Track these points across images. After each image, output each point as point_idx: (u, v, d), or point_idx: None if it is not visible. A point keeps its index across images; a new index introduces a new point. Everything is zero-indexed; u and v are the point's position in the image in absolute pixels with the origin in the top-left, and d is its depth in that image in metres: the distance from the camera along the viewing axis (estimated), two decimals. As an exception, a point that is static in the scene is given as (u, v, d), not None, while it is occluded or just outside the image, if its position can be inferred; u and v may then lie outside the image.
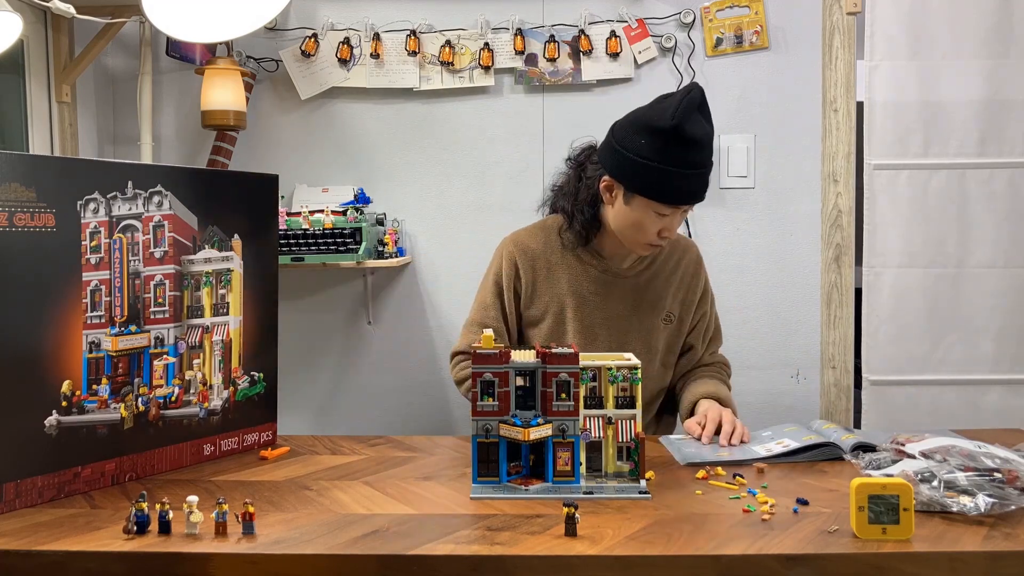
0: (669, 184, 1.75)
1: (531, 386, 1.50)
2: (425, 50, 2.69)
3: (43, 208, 1.43)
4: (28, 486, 1.43)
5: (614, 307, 1.94)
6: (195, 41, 2.54)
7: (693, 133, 1.71)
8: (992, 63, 2.48)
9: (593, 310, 1.93)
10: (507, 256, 1.97)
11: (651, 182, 1.75)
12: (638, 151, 1.75)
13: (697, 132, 1.72)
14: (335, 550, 1.24)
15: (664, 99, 1.78)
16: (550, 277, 1.94)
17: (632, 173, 1.77)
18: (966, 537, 1.25)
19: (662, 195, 1.76)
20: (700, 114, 1.74)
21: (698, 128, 1.72)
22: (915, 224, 2.53)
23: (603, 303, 1.93)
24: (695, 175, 1.76)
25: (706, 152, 1.75)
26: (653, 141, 1.73)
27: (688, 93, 1.73)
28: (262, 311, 1.79)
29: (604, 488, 1.47)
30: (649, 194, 1.76)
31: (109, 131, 2.81)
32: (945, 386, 2.55)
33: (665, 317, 1.97)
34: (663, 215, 1.79)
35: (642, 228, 1.82)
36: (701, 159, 1.75)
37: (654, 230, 1.81)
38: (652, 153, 1.73)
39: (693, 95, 1.73)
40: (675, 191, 1.76)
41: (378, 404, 2.81)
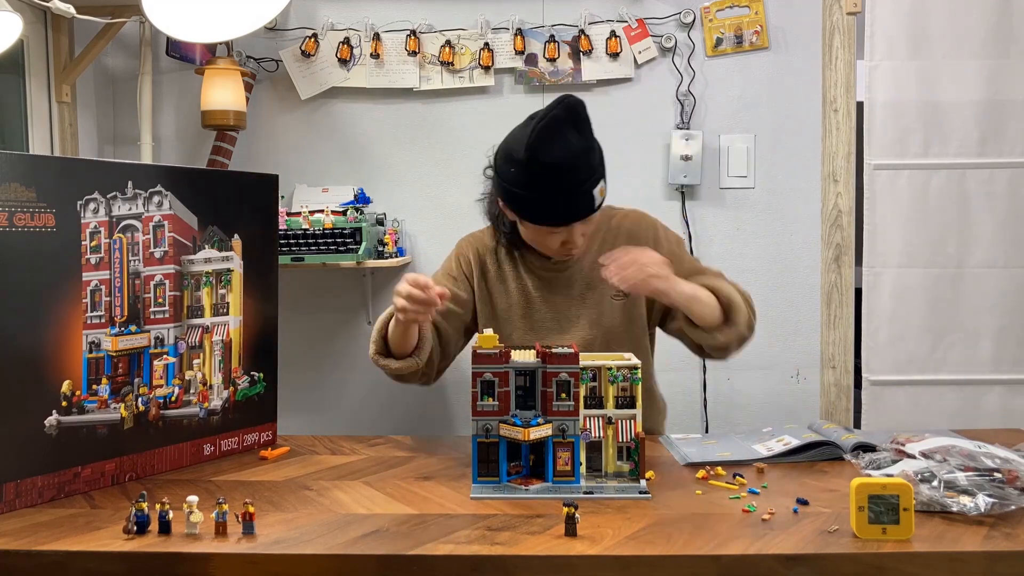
0: (540, 209, 1.73)
1: (531, 386, 1.50)
2: (425, 50, 2.69)
3: (43, 208, 1.43)
4: (28, 486, 1.43)
5: (558, 299, 1.91)
6: (195, 41, 2.55)
7: (548, 159, 1.67)
8: (992, 63, 2.48)
9: (539, 306, 1.92)
10: (460, 253, 1.98)
11: (524, 207, 1.75)
12: (508, 179, 1.74)
13: (553, 157, 1.67)
14: (335, 550, 1.24)
15: (528, 121, 1.74)
16: (500, 276, 1.94)
17: (510, 200, 1.77)
18: (966, 537, 1.25)
19: (536, 219, 1.76)
20: (563, 134, 1.68)
21: (555, 151, 1.67)
22: (915, 224, 2.53)
23: (548, 296, 1.92)
24: (562, 198, 1.71)
25: (573, 173, 1.69)
26: (517, 170, 1.71)
27: (547, 114, 1.68)
28: (262, 311, 1.79)
29: (604, 488, 1.47)
30: (526, 218, 1.77)
31: (109, 131, 2.81)
32: (945, 386, 2.55)
33: (614, 294, 1.90)
34: (554, 232, 1.78)
35: (544, 244, 1.83)
36: (565, 183, 1.69)
37: (555, 244, 1.80)
38: (517, 181, 1.72)
39: (553, 114, 1.68)
40: (547, 215, 1.74)
41: (378, 404, 2.81)
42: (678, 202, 2.70)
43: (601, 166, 1.76)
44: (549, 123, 1.67)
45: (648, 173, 2.69)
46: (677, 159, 2.65)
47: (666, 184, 2.70)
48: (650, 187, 2.68)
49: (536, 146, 1.66)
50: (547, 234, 1.79)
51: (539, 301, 1.92)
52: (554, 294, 1.92)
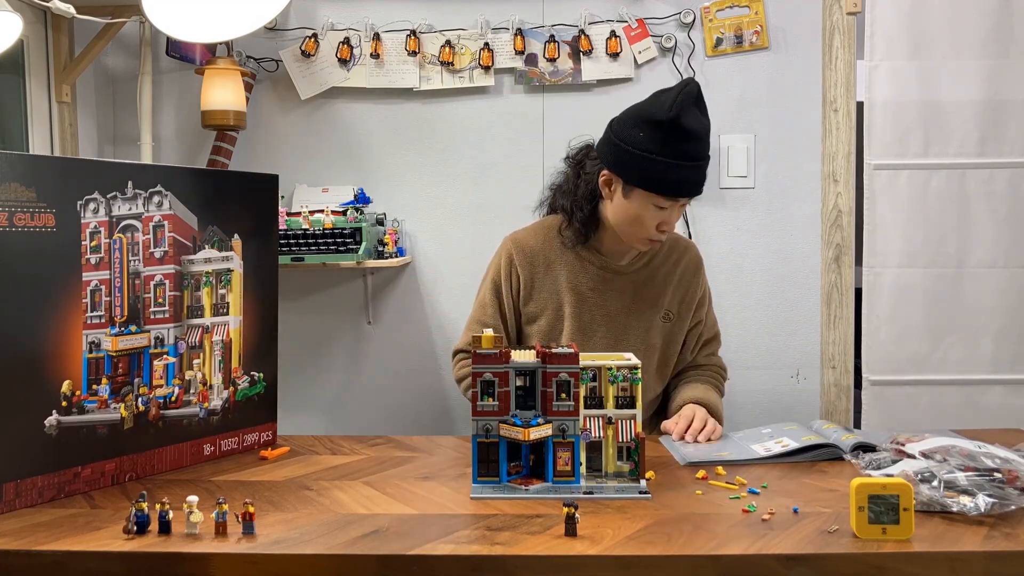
0: (667, 176, 1.76)
1: (531, 386, 1.50)
2: (425, 50, 2.69)
3: (43, 208, 1.43)
4: (28, 486, 1.43)
5: (612, 304, 1.94)
6: (195, 41, 2.54)
7: (690, 125, 1.73)
8: (992, 63, 2.48)
9: (591, 307, 1.93)
10: (505, 254, 1.99)
11: (649, 174, 1.76)
12: (637, 144, 1.76)
13: (694, 124, 1.74)
14: (335, 550, 1.24)
15: (662, 93, 1.80)
16: (548, 274, 1.95)
17: (631, 166, 1.78)
18: (966, 537, 1.25)
19: (660, 187, 1.77)
20: (697, 107, 1.76)
21: (695, 121, 1.74)
22: (915, 224, 2.53)
23: (601, 300, 1.93)
24: (692, 167, 1.77)
25: (703, 144, 1.77)
26: (651, 133, 1.75)
27: (685, 87, 1.75)
28: (262, 311, 1.79)
29: (604, 488, 1.47)
30: (647, 186, 1.78)
31: (109, 131, 2.81)
32: (945, 386, 2.55)
33: (664, 315, 1.97)
34: (661, 208, 1.80)
35: (641, 222, 1.83)
36: (699, 151, 1.76)
37: (653, 224, 1.82)
38: (650, 145, 1.75)
39: (690, 88, 1.75)
40: (673, 183, 1.77)
41: (378, 404, 2.81)
42: (678, 202, 2.70)
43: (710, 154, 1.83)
44: (690, 94, 1.74)
45: (648, 173, 2.69)
46: (677, 159, 2.64)
47: (666, 184, 2.69)
48: (650, 187, 2.68)
49: (681, 110, 1.72)
50: (654, 211, 1.80)
51: (592, 303, 1.94)
52: (607, 298, 1.94)
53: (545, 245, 1.97)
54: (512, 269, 1.97)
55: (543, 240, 1.97)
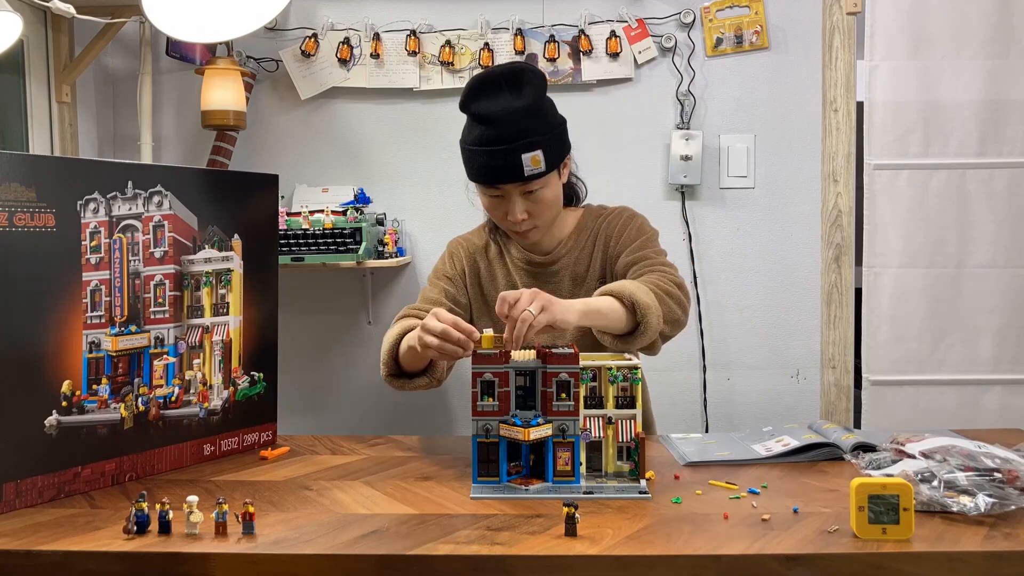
0: (472, 162, 1.78)
1: (531, 386, 1.50)
2: (425, 50, 2.69)
3: (43, 208, 1.43)
4: (28, 486, 1.43)
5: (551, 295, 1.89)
6: (195, 41, 2.54)
7: (480, 110, 1.73)
8: (992, 63, 2.48)
9: None
10: (451, 255, 2.00)
11: (465, 162, 1.80)
12: (461, 136, 1.81)
13: (486, 108, 1.72)
14: (335, 550, 1.24)
15: None
16: (490, 274, 1.96)
17: (462, 159, 1.82)
18: (966, 537, 1.25)
19: (470, 173, 1.80)
20: (500, 89, 1.72)
21: (488, 104, 1.72)
22: (915, 224, 2.53)
23: None
24: (491, 152, 1.72)
25: (502, 128, 1.70)
26: (465, 124, 1.79)
27: (482, 74, 1.75)
28: (262, 311, 1.79)
29: (604, 488, 1.47)
30: (467, 174, 1.81)
31: (109, 131, 2.81)
32: (945, 386, 2.55)
33: (598, 285, 1.86)
34: (494, 196, 1.80)
35: (491, 213, 1.85)
36: (495, 135, 1.71)
37: (499, 214, 1.83)
38: (463, 135, 1.80)
39: (487, 74, 1.75)
40: (477, 170, 1.77)
41: (378, 404, 2.81)
42: (678, 202, 2.70)
43: (540, 135, 1.73)
44: (485, 75, 1.75)
45: (648, 173, 2.69)
46: (677, 159, 2.65)
47: (666, 184, 2.70)
48: (650, 187, 2.68)
49: (470, 97, 1.74)
50: (491, 200, 1.81)
51: None
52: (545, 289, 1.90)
53: (484, 243, 1.99)
54: (458, 266, 1.97)
55: (483, 241, 2.00)
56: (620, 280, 1.75)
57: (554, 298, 1.54)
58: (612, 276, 1.87)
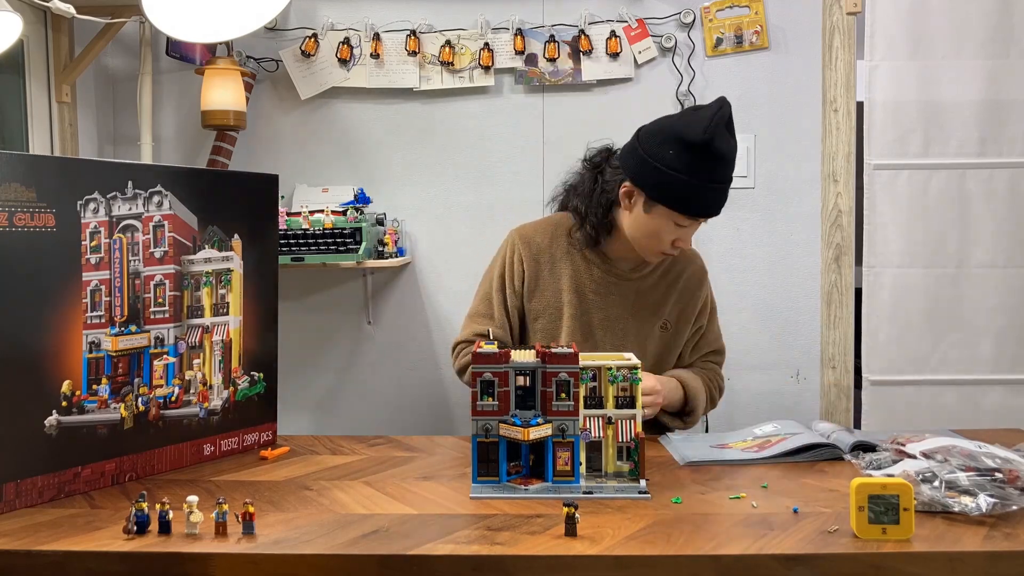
0: (694, 197, 1.76)
1: (531, 386, 1.50)
2: (425, 50, 2.69)
3: (43, 208, 1.43)
4: (28, 486, 1.43)
5: (613, 309, 1.93)
6: (195, 41, 2.54)
7: (722, 149, 1.73)
8: (992, 63, 2.48)
9: (592, 309, 1.93)
10: (511, 248, 1.98)
11: (676, 193, 1.76)
12: (667, 162, 1.75)
13: (725, 148, 1.74)
14: (335, 550, 1.24)
15: (695, 111, 1.80)
16: (553, 273, 1.94)
17: (658, 182, 1.77)
18: (966, 537, 1.25)
19: (685, 207, 1.78)
20: (728, 130, 1.75)
21: (726, 144, 1.74)
22: (915, 224, 2.53)
23: (603, 304, 1.93)
24: (719, 189, 1.77)
25: (731, 167, 1.78)
26: (683, 154, 1.73)
27: (720, 109, 1.75)
28: (262, 311, 1.79)
29: (604, 488, 1.47)
30: (673, 205, 1.78)
31: (109, 131, 2.81)
32: (945, 386, 2.55)
33: (663, 325, 1.96)
34: (681, 226, 1.81)
35: (658, 237, 1.83)
36: (727, 174, 1.77)
37: (669, 239, 1.83)
38: (681, 165, 1.73)
39: (724, 111, 1.75)
40: (698, 204, 1.78)
41: (378, 404, 2.81)
42: (678, 202, 2.70)
43: None
44: (724, 116, 1.74)
45: (648, 173, 2.69)
46: (677, 159, 2.65)
47: (666, 184, 2.69)
48: (650, 187, 2.68)
49: (715, 133, 1.72)
50: (673, 228, 1.81)
51: (593, 306, 1.93)
52: (608, 302, 1.94)
53: (551, 243, 1.96)
54: (517, 263, 1.96)
55: (550, 237, 1.97)
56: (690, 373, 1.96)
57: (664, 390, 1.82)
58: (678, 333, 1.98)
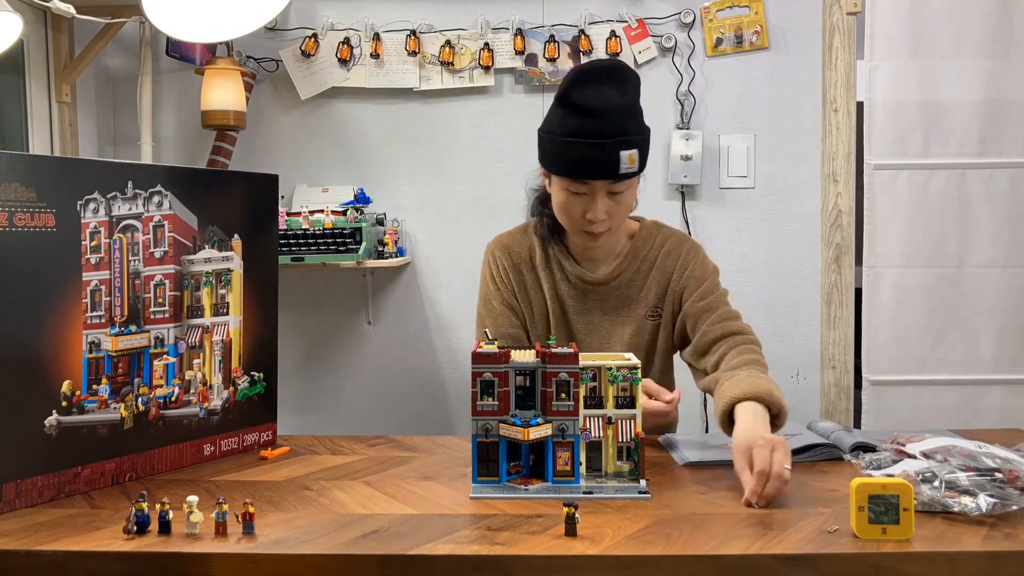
0: (564, 154, 1.68)
1: (531, 386, 1.50)
2: (425, 50, 2.69)
3: (43, 208, 1.43)
4: (28, 486, 1.43)
5: (593, 315, 1.89)
6: (195, 41, 2.55)
7: (585, 100, 1.64)
8: (992, 63, 2.48)
9: (573, 316, 1.90)
10: (494, 262, 1.93)
11: (550, 154, 1.72)
12: (545, 126, 1.74)
13: (591, 100, 1.64)
14: (335, 550, 1.24)
15: None
16: (535, 281, 1.91)
17: (542, 149, 1.75)
18: (966, 537, 1.25)
19: (559, 166, 1.71)
20: (604, 83, 1.66)
21: (593, 96, 1.64)
22: (915, 224, 2.53)
23: (581, 308, 1.89)
24: (591, 145, 1.65)
25: (605, 121, 1.64)
26: (553, 112, 1.71)
27: (587, 65, 1.70)
28: (262, 311, 1.79)
29: (604, 488, 1.47)
30: (550, 167, 1.73)
31: (109, 131, 2.81)
32: (945, 386, 2.55)
33: (650, 314, 1.89)
34: (578, 193, 1.71)
35: (567, 211, 1.75)
36: (597, 128, 1.64)
37: (577, 213, 1.73)
38: (551, 124, 1.71)
39: (592, 65, 1.69)
40: (570, 162, 1.68)
41: (378, 404, 2.81)
42: (678, 202, 2.70)
43: (638, 135, 1.70)
44: (589, 67, 1.68)
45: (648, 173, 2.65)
46: (677, 159, 2.65)
47: (666, 184, 2.70)
48: (650, 187, 2.68)
49: (573, 85, 1.65)
50: (572, 197, 1.72)
51: (573, 312, 1.90)
52: (588, 308, 1.89)
53: (529, 251, 1.92)
54: (503, 275, 1.92)
55: (527, 246, 1.93)
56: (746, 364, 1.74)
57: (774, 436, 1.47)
58: (674, 314, 1.87)
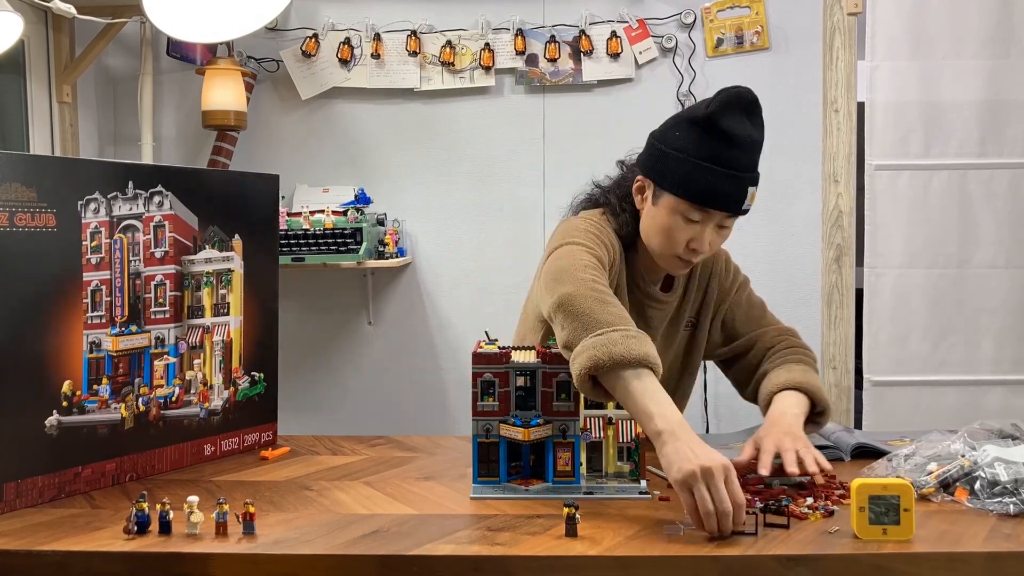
0: (696, 179, 1.58)
1: (531, 386, 1.50)
2: (426, 50, 2.69)
3: (43, 208, 1.43)
4: (28, 486, 1.43)
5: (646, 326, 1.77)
6: (195, 41, 2.55)
7: (730, 128, 1.56)
8: (992, 63, 2.48)
9: None
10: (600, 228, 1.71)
11: (679, 175, 1.59)
12: (671, 143, 1.62)
13: (736, 129, 1.57)
14: (335, 550, 1.24)
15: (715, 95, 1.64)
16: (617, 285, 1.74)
17: (660, 166, 1.63)
18: (966, 537, 1.25)
19: (687, 190, 1.59)
20: (745, 114, 1.60)
21: (738, 125, 1.57)
22: (916, 224, 2.52)
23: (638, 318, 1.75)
24: (728, 176, 1.58)
25: (745, 154, 1.59)
26: (687, 132, 1.60)
27: (735, 88, 1.60)
28: (262, 311, 1.79)
29: (604, 488, 1.47)
30: (674, 189, 1.61)
31: (110, 131, 2.81)
32: (946, 387, 2.55)
33: (687, 324, 1.85)
34: (692, 220, 1.61)
35: (669, 235, 1.64)
36: (738, 159, 1.58)
37: (682, 239, 1.63)
38: (683, 144, 1.60)
39: (738, 91, 1.59)
40: (703, 189, 1.58)
41: (378, 404, 2.81)
42: (679, 202, 2.70)
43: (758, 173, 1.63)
44: (735, 96, 1.58)
45: (649, 173, 2.69)
46: (678, 159, 2.65)
47: (667, 184, 2.69)
48: (651, 187, 2.68)
49: (720, 109, 1.57)
50: (684, 223, 1.61)
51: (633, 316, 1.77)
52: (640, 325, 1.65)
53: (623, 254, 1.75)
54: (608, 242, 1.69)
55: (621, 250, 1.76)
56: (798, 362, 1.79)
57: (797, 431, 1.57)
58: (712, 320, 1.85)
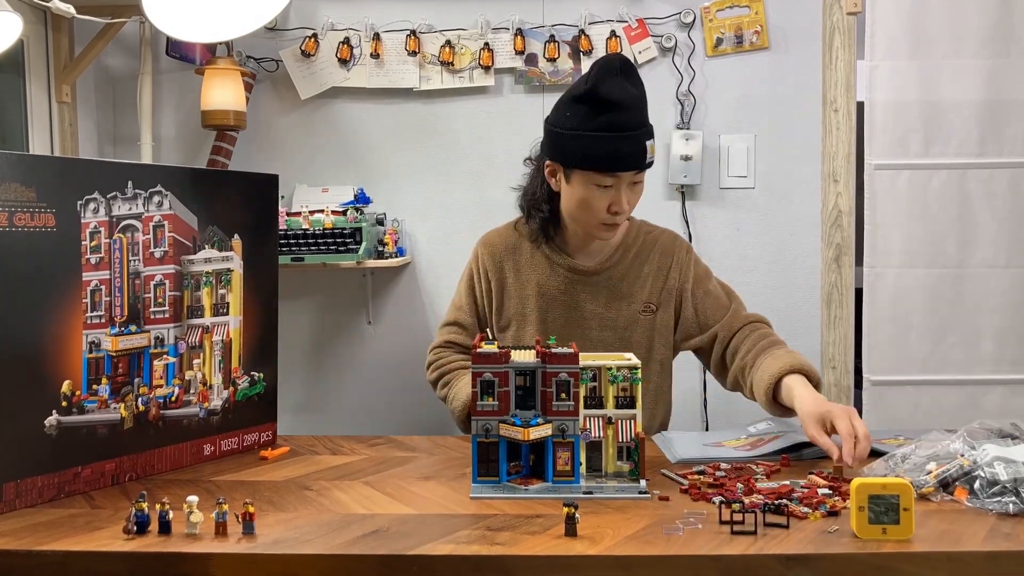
0: (596, 149, 1.72)
1: (531, 386, 1.50)
2: (425, 50, 2.69)
3: (43, 208, 1.43)
4: (28, 486, 1.43)
5: (586, 306, 1.90)
6: (195, 41, 2.55)
7: (610, 95, 1.70)
8: (992, 63, 2.48)
9: (560, 311, 1.90)
10: (476, 259, 1.99)
11: (579, 150, 1.74)
12: (564, 124, 1.76)
13: (616, 94, 1.70)
14: (335, 550, 1.24)
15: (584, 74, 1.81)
16: (519, 279, 1.93)
17: (562, 147, 1.77)
18: (966, 537, 1.25)
19: (592, 162, 1.74)
20: (621, 77, 1.72)
21: (617, 90, 1.71)
22: (916, 224, 2.52)
23: (572, 302, 1.90)
24: (623, 138, 1.72)
25: (631, 113, 1.73)
26: (575, 110, 1.74)
27: (604, 59, 1.75)
28: (262, 311, 1.79)
29: (604, 488, 1.47)
30: (581, 164, 1.75)
31: (109, 131, 2.81)
32: (946, 386, 2.55)
33: (643, 308, 1.91)
34: (605, 186, 1.76)
35: (589, 206, 1.78)
36: (626, 120, 1.72)
37: (602, 206, 1.77)
38: (576, 122, 1.74)
39: (608, 59, 1.75)
40: (605, 156, 1.73)
41: (378, 404, 2.81)
42: (678, 202, 2.70)
43: (651, 125, 1.78)
44: (607, 64, 1.73)
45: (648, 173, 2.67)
46: (677, 159, 2.65)
47: (666, 184, 2.70)
48: (650, 187, 2.64)
49: (598, 81, 1.70)
50: (598, 191, 1.76)
51: (559, 305, 1.91)
52: (578, 300, 1.91)
53: (516, 247, 1.95)
54: (483, 274, 1.96)
55: (514, 242, 1.96)
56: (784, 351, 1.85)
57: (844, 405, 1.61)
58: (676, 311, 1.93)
